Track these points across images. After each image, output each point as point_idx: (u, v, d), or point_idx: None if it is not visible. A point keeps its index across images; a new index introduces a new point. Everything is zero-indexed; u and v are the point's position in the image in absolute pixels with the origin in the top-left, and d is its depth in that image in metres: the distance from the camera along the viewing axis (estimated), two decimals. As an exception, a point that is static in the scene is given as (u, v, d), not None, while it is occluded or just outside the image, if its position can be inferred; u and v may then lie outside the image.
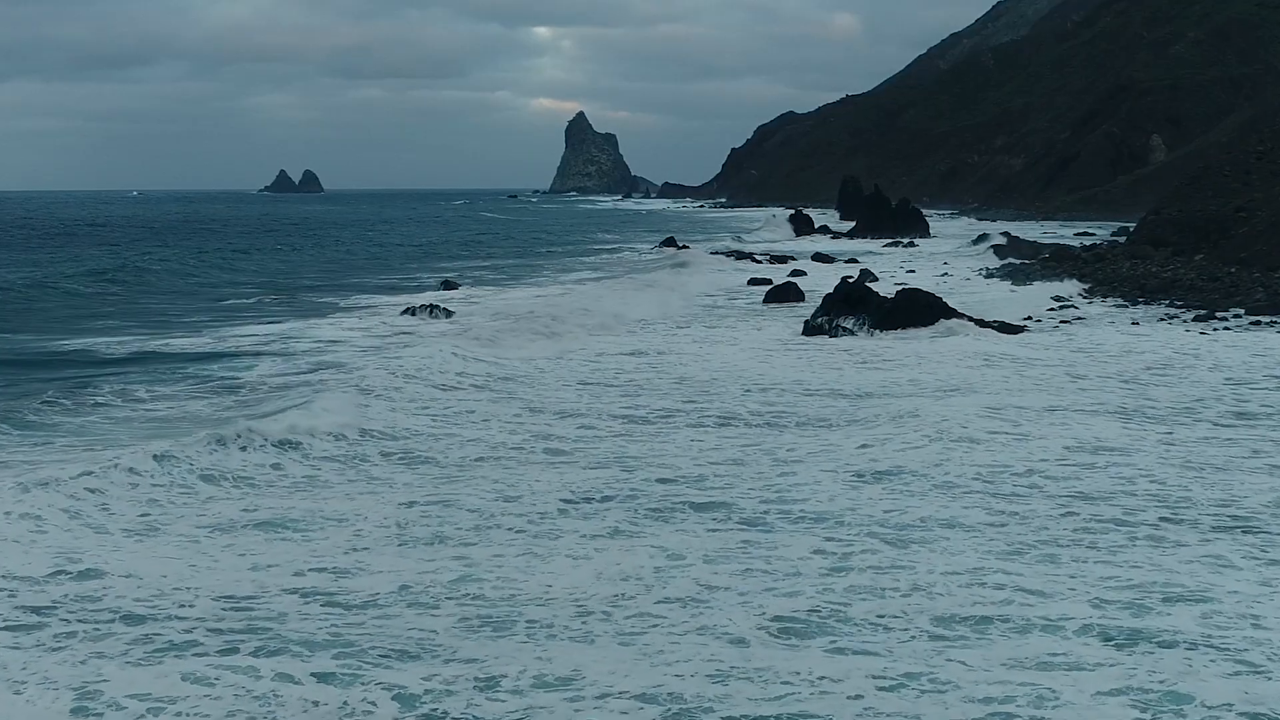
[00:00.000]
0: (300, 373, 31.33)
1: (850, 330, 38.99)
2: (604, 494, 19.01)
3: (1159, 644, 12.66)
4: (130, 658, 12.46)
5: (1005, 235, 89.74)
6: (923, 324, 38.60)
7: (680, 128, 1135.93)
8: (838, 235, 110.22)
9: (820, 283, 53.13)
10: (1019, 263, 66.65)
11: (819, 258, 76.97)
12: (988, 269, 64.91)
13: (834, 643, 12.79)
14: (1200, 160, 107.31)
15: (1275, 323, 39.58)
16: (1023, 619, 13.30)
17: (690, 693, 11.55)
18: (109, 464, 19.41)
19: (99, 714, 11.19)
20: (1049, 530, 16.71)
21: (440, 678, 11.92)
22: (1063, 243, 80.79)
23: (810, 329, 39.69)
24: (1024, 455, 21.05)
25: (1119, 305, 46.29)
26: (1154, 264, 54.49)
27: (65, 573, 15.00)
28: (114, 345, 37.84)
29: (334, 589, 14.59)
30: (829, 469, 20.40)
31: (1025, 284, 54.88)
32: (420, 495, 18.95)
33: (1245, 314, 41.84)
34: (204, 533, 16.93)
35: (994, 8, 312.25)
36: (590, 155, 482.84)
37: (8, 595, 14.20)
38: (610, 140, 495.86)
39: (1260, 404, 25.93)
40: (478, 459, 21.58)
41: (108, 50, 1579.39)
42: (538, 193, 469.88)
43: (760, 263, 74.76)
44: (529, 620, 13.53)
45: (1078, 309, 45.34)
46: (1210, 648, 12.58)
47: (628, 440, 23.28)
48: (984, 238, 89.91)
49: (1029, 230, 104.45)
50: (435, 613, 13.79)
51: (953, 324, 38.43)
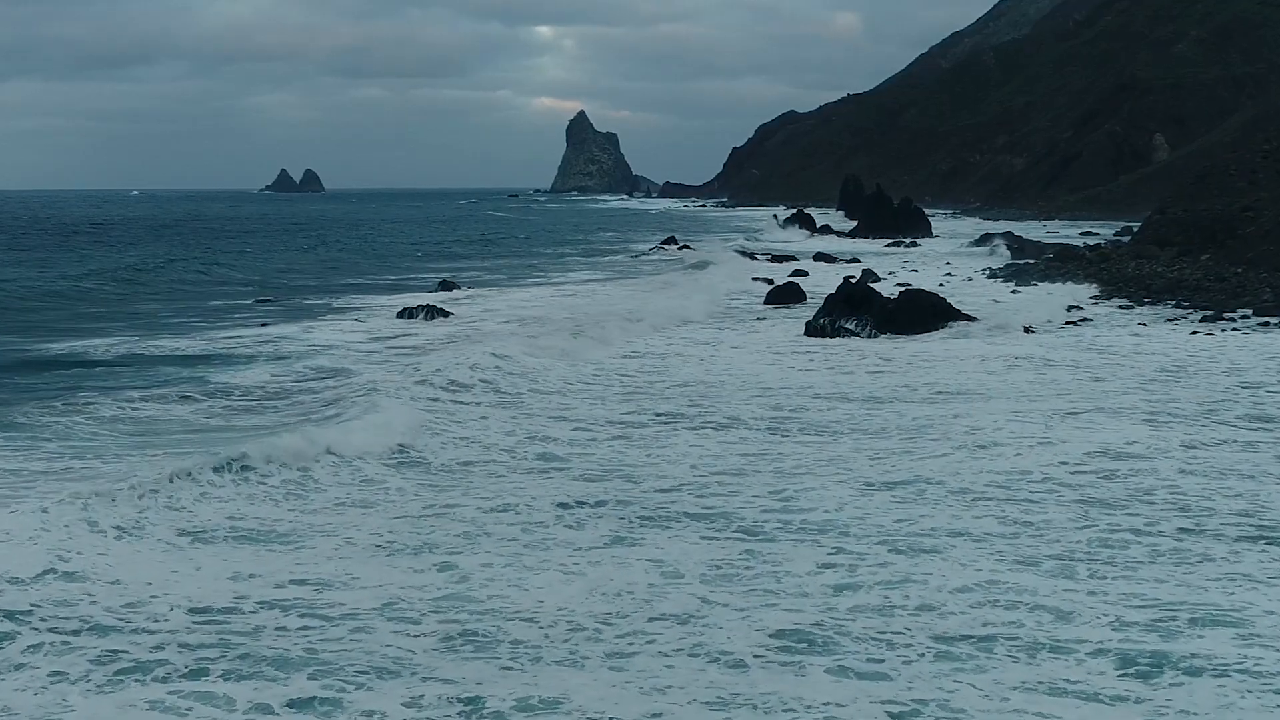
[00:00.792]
0: (306, 379, 30.36)
1: (853, 332, 38.33)
2: (598, 499, 18.40)
3: (1186, 671, 11.86)
4: (92, 681, 11.80)
5: (1008, 235, 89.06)
6: (927, 325, 37.98)
7: (681, 127, 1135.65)
8: (839, 235, 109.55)
9: (821, 283, 52.50)
10: (1022, 263, 66.04)
11: (820, 257, 76.28)
12: (991, 269, 64.24)
13: (839, 663, 12.13)
14: (1203, 159, 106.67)
15: (1285, 324, 38.93)
16: (1037, 639, 12.61)
17: (685, 722, 10.89)
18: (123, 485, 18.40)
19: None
20: (1067, 542, 15.98)
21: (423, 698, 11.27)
22: (1066, 242, 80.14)
23: (812, 330, 39.04)
24: (1044, 461, 20.26)
25: (1124, 306, 45.62)
26: (1160, 264, 53.83)
27: (53, 572, 14.55)
28: (103, 347, 36.99)
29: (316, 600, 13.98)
30: (837, 477, 19.70)
31: (1029, 284, 54.28)
32: (417, 506, 18.37)
33: (1253, 315, 41.19)
34: (186, 540, 16.31)
35: (995, 7, 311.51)
36: (591, 155, 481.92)
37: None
38: (611, 139, 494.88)
39: (1279, 407, 25.21)
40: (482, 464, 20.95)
41: (108, 49, 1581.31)
42: (539, 192, 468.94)
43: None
44: (514, 640, 12.88)
45: (1082, 309, 44.66)
46: (1246, 674, 11.67)
47: (626, 444, 22.71)
48: (986, 238, 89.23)
49: (1031, 230, 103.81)
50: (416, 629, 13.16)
51: (959, 326, 37.80)
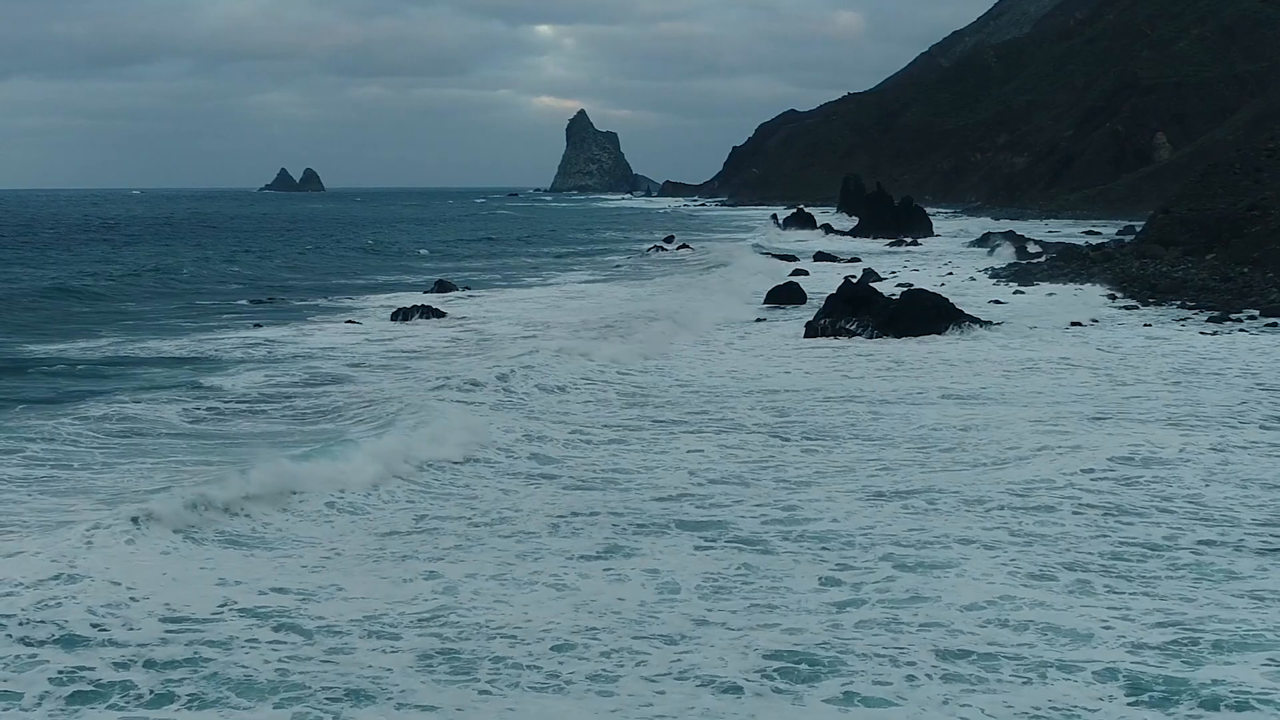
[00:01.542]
0: (301, 383, 29.62)
1: (854, 333, 37.74)
2: (592, 509, 17.81)
3: (1204, 702, 10.98)
4: (44, 709, 11.20)
5: (1009, 234, 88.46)
6: (930, 326, 37.36)
7: (682, 126, 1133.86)
8: (840, 234, 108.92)
9: (821, 283, 51.89)
10: (1025, 263, 65.44)
11: (821, 257, 75.68)
12: (993, 269, 63.64)
13: (842, 688, 11.51)
14: (1206, 158, 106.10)
15: (1294, 324, 38.37)
16: (1045, 659, 11.98)
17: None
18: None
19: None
20: (1083, 554, 15.29)
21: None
22: (1069, 242, 79.55)
23: (812, 331, 38.44)
24: (1067, 469, 19.54)
25: (1128, 307, 45.03)
26: (1164, 264, 53.23)
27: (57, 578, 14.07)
28: (91, 349, 36.41)
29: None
30: (843, 485, 19.04)
31: (1032, 284, 53.71)
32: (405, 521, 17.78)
33: (1261, 315, 40.64)
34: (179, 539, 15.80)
35: (996, 5, 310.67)
36: (591, 154, 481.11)
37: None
38: (611, 139, 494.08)
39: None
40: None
41: (109, 48, 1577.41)
42: (539, 191, 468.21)
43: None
44: (495, 658, 12.29)
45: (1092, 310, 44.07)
46: (1274, 708, 10.80)
47: (621, 448, 22.16)
48: (988, 237, 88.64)
49: (1033, 229, 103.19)
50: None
51: (963, 326, 37.20)
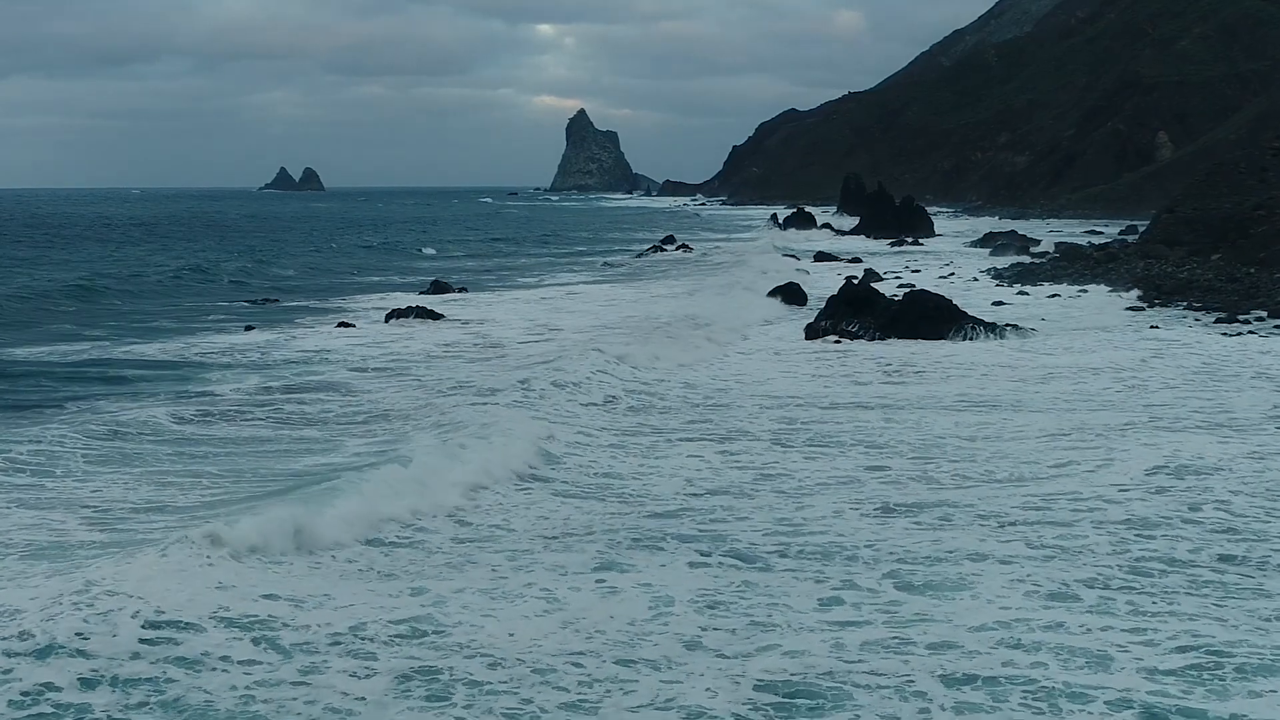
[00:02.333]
0: (295, 389, 28.89)
1: (856, 335, 37.10)
2: (587, 520, 17.18)
3: None
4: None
5: (1011, 234, 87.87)
6: (934, 328, 36.71)
7: (682, 125, 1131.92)
8: (841, 233, 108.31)
9: (820, 282, 51.32)
10: (1028, 262, 64.79)
11: (822, 257, 75.04)
12: (995, 269, 62.98)
13: None
14: (1208, 157, 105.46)
15: (1303, 326, 37.72)
16: (1054, 686, 11.31)
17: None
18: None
19: None
20: (1107, 571, 14.49)
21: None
22: (1072, 241, 78.90)
23: (813, 333, 37.80)
24: (1098, 482, 18.69)
25: (1134, 308, 44.42)
26: (1169, 264, 52.61)
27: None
28: (77, 351, 35.64)
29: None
30: (849, 497, 18.33)
31: (1035, 285, 53.07)
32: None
33: (1269, 317, 40.02)
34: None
35: (997, 4, 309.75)
36: (592, 153, 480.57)
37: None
38: (611, 138, 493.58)
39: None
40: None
41: (110, 47, 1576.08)
42: (539, 190, 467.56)
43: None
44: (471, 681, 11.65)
45: (1086, 304, 43.42)
46: None
47: (620, 453, 21.60)
48: (990, 237, 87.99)
49: (1035, 228, 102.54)
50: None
51: (968, 328, 36.55)
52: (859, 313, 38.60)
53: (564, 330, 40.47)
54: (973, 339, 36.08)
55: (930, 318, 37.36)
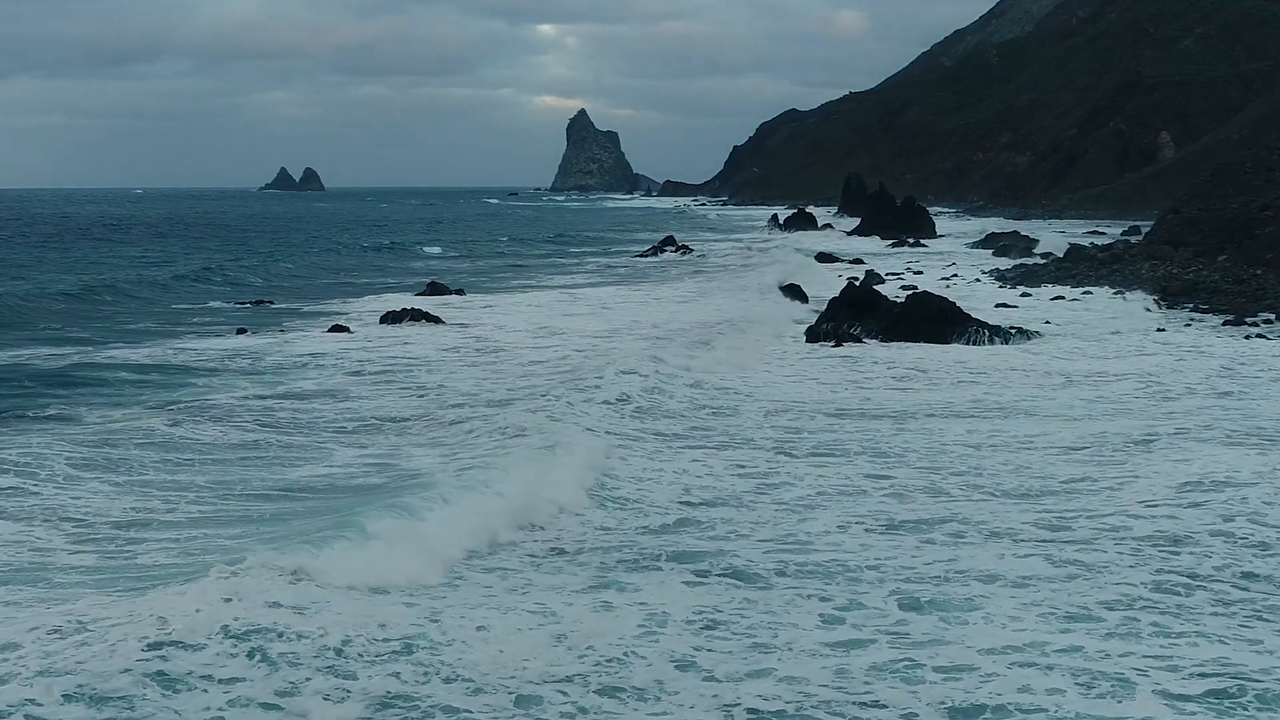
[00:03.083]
0: (293, 395, 28.14)
1: (858, 338, 36.49)
2: (581, 535, 16.60)
3: None
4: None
5: (1014, 234, 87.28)
6: (937, 331, 36.11)
7: (683, 125, 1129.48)
8: (842, 233, 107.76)
9: (816, 282, 50.79)
10: (1031, 264, 64.21)
11: (823, 257, 74.38)
12: (998, 270, 62.39)
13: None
14: (1210, 157, 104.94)
15: (1312, 329, 37.15)
16: (1065, 717, 10.72)
17: None
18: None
19: None
20: (1128, 592, 13.85)
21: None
22: (1075, 242, 78.23)
23: (814, 335, 37.20)
24: (1123, 499, 17.90)
25: (1139, 310, 43.79)
26: (1175, 265, 52.03)
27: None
28: (55, 356, 34.52)
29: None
30: (855, 511, 17.68)
31: (1039, 286, 52.50)
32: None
33: (1277, 320, 39.46)
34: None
35: (998, 4, 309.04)
36: (592, 153, 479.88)
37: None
38: (612, 138, 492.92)
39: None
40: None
41: (110, 46, 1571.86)
42: (539, 190, 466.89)
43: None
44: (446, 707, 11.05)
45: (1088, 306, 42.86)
46: None
47: (618, 462, 20.97)
48: (993, 237, 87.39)
49: (1037, 229, 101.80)
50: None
51: (971, 331, 35.95)
52: (861, 315, 38.03)
53: (567, 333, 39.69)
54: (977, 343, 35.46)
55: (934, 320, 36.77)
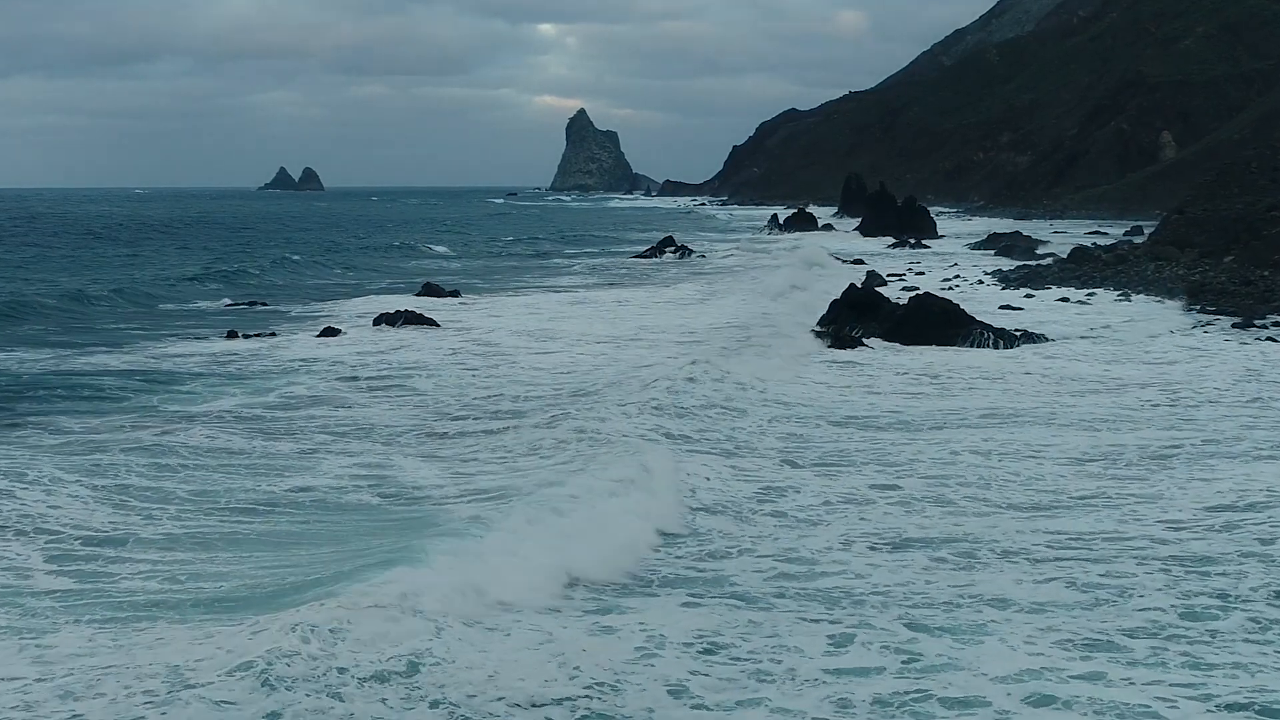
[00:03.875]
0: (285, 407, 27.10)
1: (859, 341, 35.80)
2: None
3: None
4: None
5: (1016, 234, 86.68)
6: (942, 333, 35.42)
7: (683, 125, 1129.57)
8: (842, 234, 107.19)
9: (816, 281, 50.14)
10: (1034, 265, 63.55)
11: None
12: (1001, 271, 61.73)
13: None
14: (1212, 157, 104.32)
15: (1323, 332, 36.43)
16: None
17: None
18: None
19: None
20: (1149, 613, 13.20)
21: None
22: (1076, 242, 77.66)
23: (814, 337, 36.52)
24: (1147, 517, 17.21)
25: (1148, 312, 43.17)
26: (1180, 266, 51.35)
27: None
28: (37, 361, 33.55)
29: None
30: (859, 529, 16.97)
31: (1043, 288, 51.87)
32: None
33: (1286, 322, 38.80)
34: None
35: (998, 4, 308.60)
36: (591, 153, 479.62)
37: None
38: (611, 138, 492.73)
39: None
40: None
41: (110, 46, 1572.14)
42: (539, 190, 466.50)
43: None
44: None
45: (1094, 307, 42.11)
46: None
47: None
48: (995, 238, 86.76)
49: (1038, 229, 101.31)
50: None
51: (976, 334, 35.26)
52: (862, 317, 37.38)
53: (568, 335, 38.87)
54: (982, 346, 34.76)
55: (937, 323, 36.10)
